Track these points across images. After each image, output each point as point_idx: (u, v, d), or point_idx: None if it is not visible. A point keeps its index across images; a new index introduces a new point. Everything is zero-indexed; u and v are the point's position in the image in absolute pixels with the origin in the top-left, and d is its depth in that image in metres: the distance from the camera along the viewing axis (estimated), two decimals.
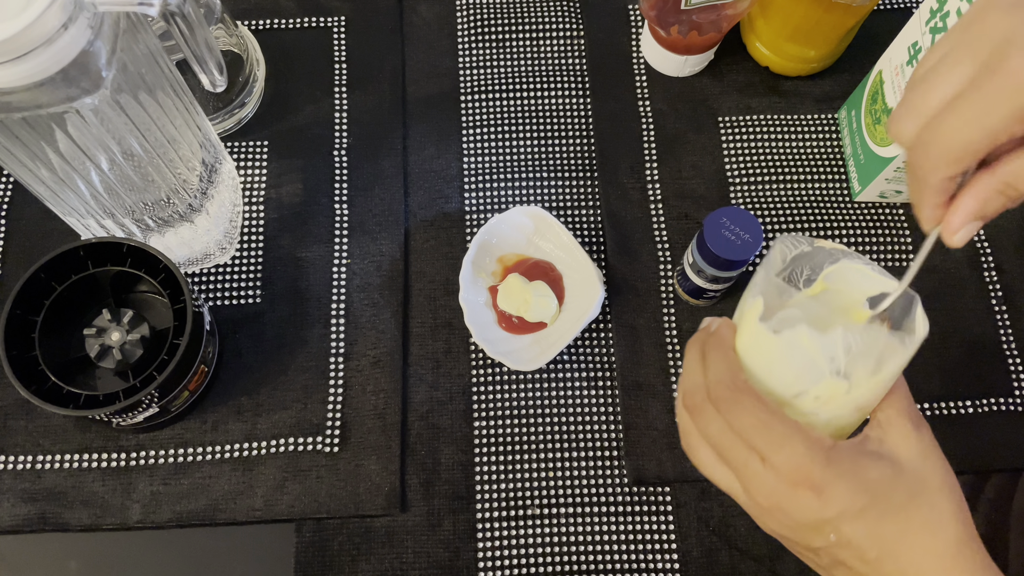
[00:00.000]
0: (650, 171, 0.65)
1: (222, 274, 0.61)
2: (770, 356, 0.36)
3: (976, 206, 0.34)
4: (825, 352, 0.35)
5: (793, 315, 0.36)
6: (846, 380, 0.35)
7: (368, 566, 0.54)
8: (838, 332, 0.34)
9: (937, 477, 0.36)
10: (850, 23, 0.62)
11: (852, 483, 0.35)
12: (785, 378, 0.36)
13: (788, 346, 0.35)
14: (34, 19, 0.37)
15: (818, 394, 0.36)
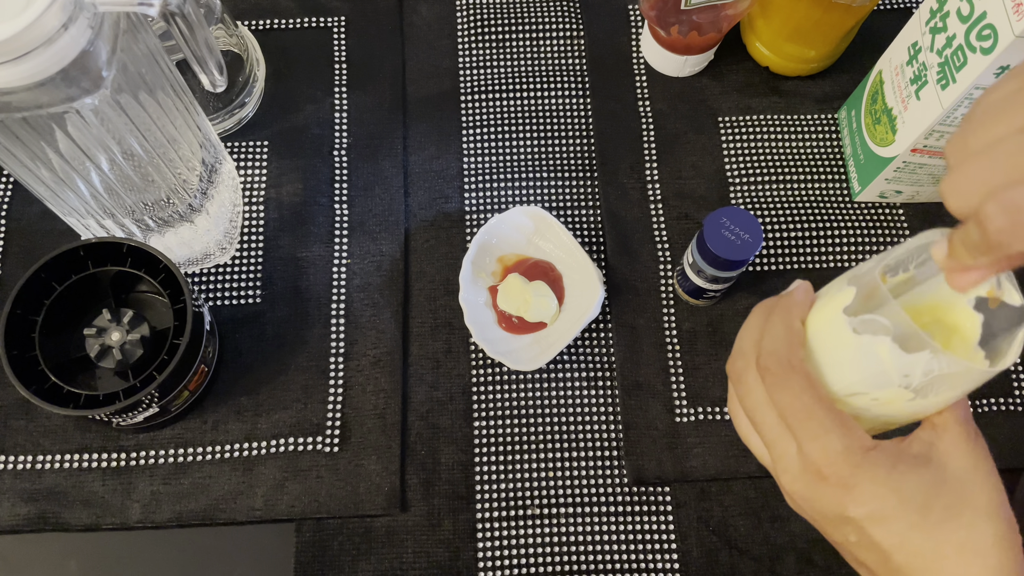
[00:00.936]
0: (650, 171, 0.65)
1: (222, 274, 0.61)
2: (841, 351, 0.34)
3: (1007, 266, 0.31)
4: (902, 368, 0.32)
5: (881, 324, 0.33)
6: (913, 393, 0.33)
7: (368, 566, 0.54)
8: (923, 355, 0.31)
9: (984, 496, 0.34)
10: (850, 23, 0.62)
11: (884, 488, 0.33)
12: (848, 377, 0.34)
13: (864, 351, 0.33)
14: (34, 19, 0.37)
15: (877, 397, 0.34)
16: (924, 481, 0.33)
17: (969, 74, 0.50)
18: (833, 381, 0.35)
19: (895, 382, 0.33)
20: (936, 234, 0.34)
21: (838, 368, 0.35)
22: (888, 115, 0.59)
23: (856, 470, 0.33)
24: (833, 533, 0.36)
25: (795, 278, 0.62)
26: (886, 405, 0.34)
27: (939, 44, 0.52)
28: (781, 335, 0.36)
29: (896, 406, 0.34)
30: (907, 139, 0.57)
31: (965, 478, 0.34)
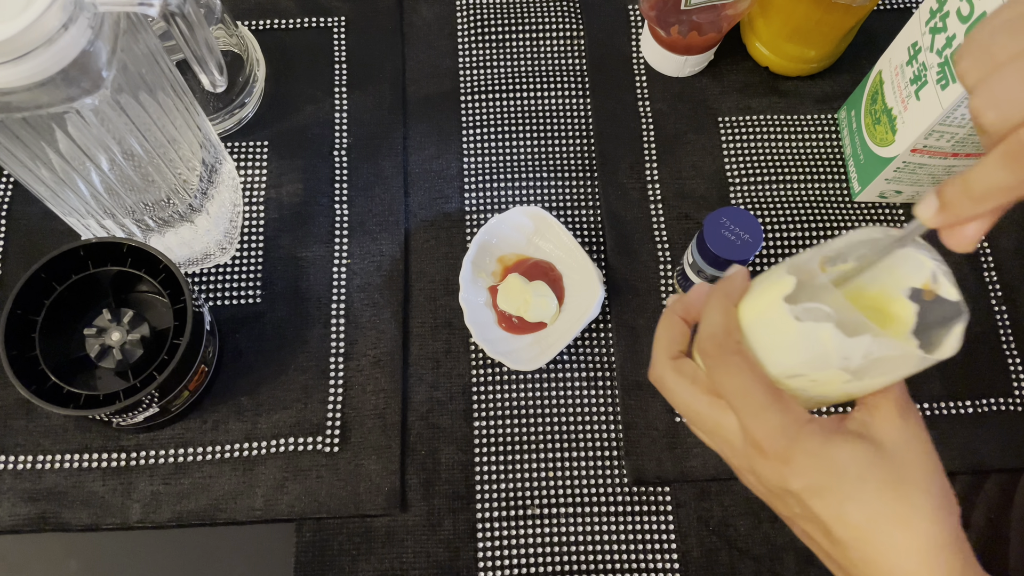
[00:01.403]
0: (650, 171, 0.65)
1: (222, 274, 0.61)
2: (781, 336, 0.35)
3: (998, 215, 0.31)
4: (843, 352, 0.33)
5: (823, 311, 0.33)
6: (850, 375, 0.34)
7: (368, 566, 0.54)
8: (864, 339, 0.32)
9: (918, 470, 0.35)
10: (850, 23, 0.62)
11: (820, 460, 0.34)
12: (788, 360, 0.35)
13: (806, 336, 0.33)
14: (34, 19, 0.37)
15: (815, 379, 0.35)
16: (859, 455, 0.34)
17: None
18: (772, 364, 0.36)
19: (835, 364, 0.34)
20: (877, 231, 0.35)
21: (777, 352, 0.35)
22: (888, 115, 0.59)
23: (793, 444, 0.34)
24: (779, 505, 0.37)
25: None
26: (823, 386, 0.35)
27: (939, 44, 0.52)
28: (718, 320, 0.37)
29: (833, 387, 0.35)
30: (907, 139, 0.57)
31: (899, 453, 0.35)
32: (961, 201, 0.31)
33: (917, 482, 0.34)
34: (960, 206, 0.31)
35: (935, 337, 0.34)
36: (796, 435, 0.34)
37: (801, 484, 0.35)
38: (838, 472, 0.34)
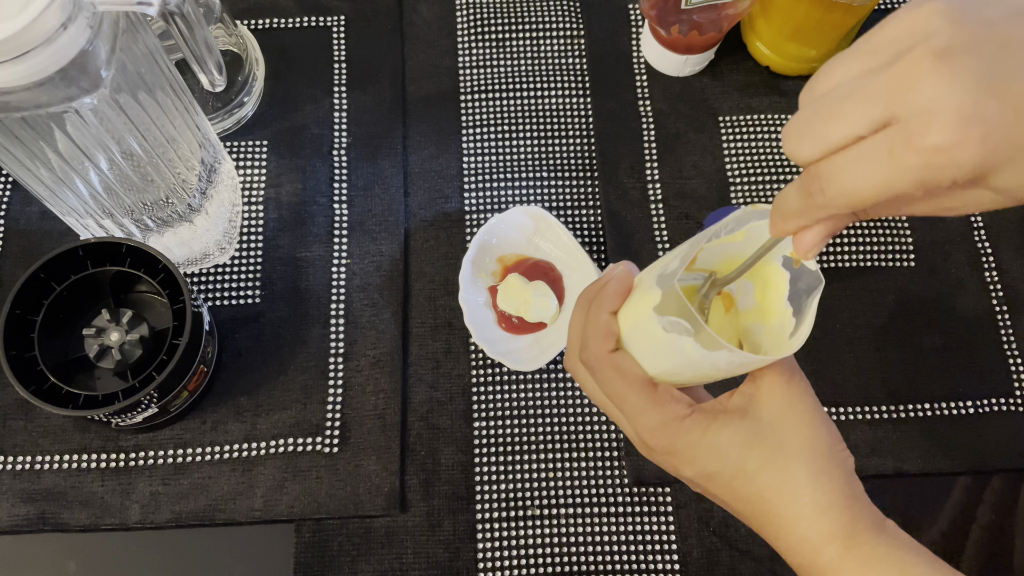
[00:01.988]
0: (650, 171, 0.65)
1: (221, 274, 0.61)
2: (654, 343, 0.37)
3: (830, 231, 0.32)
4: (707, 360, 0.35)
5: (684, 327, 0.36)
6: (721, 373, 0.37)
7: (368, 567, 0.54)
8: (723, 354, 0.34)
9: (796, 437, 0.36)
10: (851, 23, 0.62)
11: (701, 449, 0.36)
12: (664, 364, 0.37)
13: (673, 346, 0.35)
14: (33, 19, 0.37)
15: (690, 377, 0.38)
16: (739, 435, 0.36)
17: None
18: (651, 366, 0.38)
19: (705, 369, 0.36)
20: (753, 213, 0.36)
21: (654, 356, 0.37)
22: None
23: (674, 438, 0.37)
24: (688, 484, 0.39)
25: None
26: (705, 377, 0.38)
27: None
28: (593, 330, 0.39)
29: (708, 377, 0.38)
30: None
31: (779, 423, 0.36)
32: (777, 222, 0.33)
33: (795, 452, 0.36)
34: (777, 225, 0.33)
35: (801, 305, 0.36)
36: (676, 431, 0.37)
37: (691, 471, 0.37)
38: (721, 456, 0.36)
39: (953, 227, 0.64)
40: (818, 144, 0.29)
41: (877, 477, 0.57)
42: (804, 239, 0.32)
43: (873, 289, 0.62)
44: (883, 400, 0.59)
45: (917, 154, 0.26)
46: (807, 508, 0.35)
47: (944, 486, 0.58)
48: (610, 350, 0.38)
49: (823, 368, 0.59)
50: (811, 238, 0.32)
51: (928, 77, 0.26)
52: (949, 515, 0.57)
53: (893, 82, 0.27)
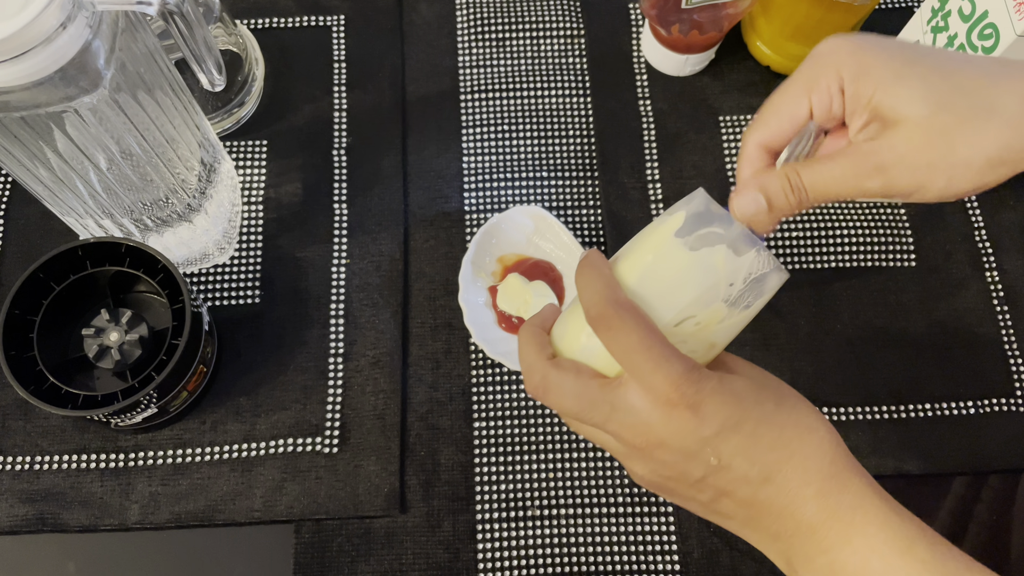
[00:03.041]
0: (651, 171, 0.65)
1: (221, 274, 0.61)
2: (674, 275, 0.36)
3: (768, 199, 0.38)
4: (731, 275, 0.35)
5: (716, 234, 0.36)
6: (728, 308, 0.36)
7: (367, 567, 0.54)
8: (751, 255, 0.35)
9: (788, 391, 0.38)
10: (851, 22, 0.62)
11: (725, 397, 0.35)
12: (682, 300, 0.36)
13: (700, 266, 0.35)
14: (32, 18, 0.37)
15: (699, 320, 0.36)
16: (747, 383, 0.36)
17: None
18: (663, 310, 0.36)
19: (720, 296, 0.36)
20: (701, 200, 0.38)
21: (669, 294, 0.36)
22: None
23: (698, 386, 0.35)
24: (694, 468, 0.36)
25: (795, 278, 0.62)
26: (702, 331, 0.37)
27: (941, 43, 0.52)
28: (598, 283, 0.36)
29: (707, 332, 0.37)
30: None
31: (768, 381, 0.38)
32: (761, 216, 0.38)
33: (791, 396, 0.37)
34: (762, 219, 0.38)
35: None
36: (699, 379, 0.35)
37: (715, 426, 0.35)
38: (741, 401, 0.35)
39: (953, 227, 0.64)
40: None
41: (877, 477, 0.57)
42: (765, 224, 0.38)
43: (873, 289, 0.62)
44: (883, 400, 0.59)
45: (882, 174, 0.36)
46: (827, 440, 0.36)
47: (944, 486, 0.58)
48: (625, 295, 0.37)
49: (823, 368, 0.59)
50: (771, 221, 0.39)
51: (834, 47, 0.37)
52: (949, 515, 0.57)
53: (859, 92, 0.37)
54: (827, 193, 0.37)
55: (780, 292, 0.61)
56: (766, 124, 0.39)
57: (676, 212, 0.37)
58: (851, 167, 0.37)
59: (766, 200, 0.38)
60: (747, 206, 0.38)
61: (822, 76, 0.38)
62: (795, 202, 0.38)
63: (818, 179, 0.37)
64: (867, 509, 0.35)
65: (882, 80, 0.36)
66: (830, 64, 0.37)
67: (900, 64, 0.36)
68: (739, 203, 0.38)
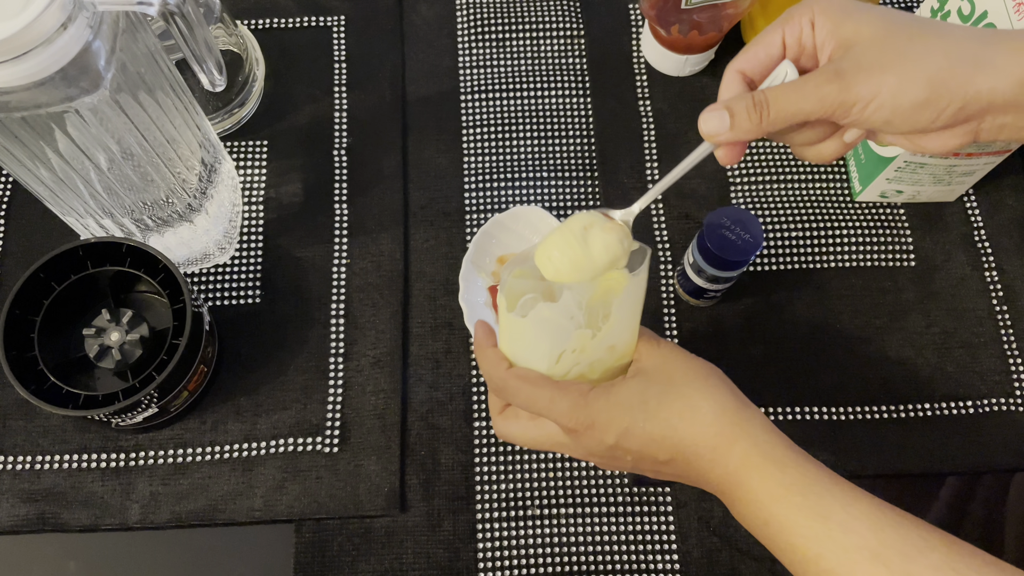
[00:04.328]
0: (650, 171, 0.65)
1: (222, 274, 0.61)
2: (526, 336, 0.42)
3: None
4: (564, 314, 0.41)
5: (530, 299, 0.42)
6: (589, 328, 0.41)
7: (368, 566, 0.54)
8: (564, 296, 0.41)
9: (679, 373, 0.42)
10: None
11: (610, 409, 0.41)
12: (544, 348, 0.42)
13: (536, 322, 0.41)
14: (33, 19, 0.37)
15: (573, 348, 0.42)
16: (634, 388, 0.42)
17: None
18: (538, 361, 0.42)
19: (570, 327, 0.41)
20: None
21: (533, 348, 0.42)
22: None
23: (587, 410, 0.41)
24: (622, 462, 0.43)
25: (795, 278, 0.62)
26: (584, 352, 0.42)
27: None
28: (486, 365, 0.44)
29: (591, 349, 0.42)
30: None
31: (661, 368, 0.42)
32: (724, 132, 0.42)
33: (681, 380, 0.42)
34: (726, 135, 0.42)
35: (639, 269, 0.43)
36: (585, 403, 0.41)
37: (612, 436, 0.41)
38: (627, 408, 0.41)
39: (953, 227, 0.64)
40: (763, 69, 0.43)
41: (877, 477, 0.57)
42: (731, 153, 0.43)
43: (873, 289, 0.62)
44: (883, 400, 0.59)
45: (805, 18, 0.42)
46: (708, 415, 0.40)
47: (944, 486, 0.58)
48: (506, 368, 0.43)
49: (823, 368, 0.60)
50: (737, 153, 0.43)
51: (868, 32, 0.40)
52: (949, 515, 0.57)
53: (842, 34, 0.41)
54: (788, 107, 0.40)
55: (780, 292, 0.61)
56: (744, 53, 0.43)
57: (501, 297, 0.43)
58: (811, 79, 0.41)
59: (729, 116, 0.41)
60: (710, 121, 0.42)
61: (796, 13, 0.42)
62: (756, 119, 0.41)
63: (780, 93, 0.41)
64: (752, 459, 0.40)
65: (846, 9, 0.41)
66: (806, 5, 0.42)
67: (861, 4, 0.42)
68: (704, 119, 0.42)
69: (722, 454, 0.40)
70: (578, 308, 0.41)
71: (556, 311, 0.41)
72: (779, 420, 0.58)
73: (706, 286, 0.57)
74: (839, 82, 0.40)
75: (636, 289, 0.42)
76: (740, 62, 0.43)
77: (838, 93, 0.40)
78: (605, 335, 0.42)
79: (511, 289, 0.43)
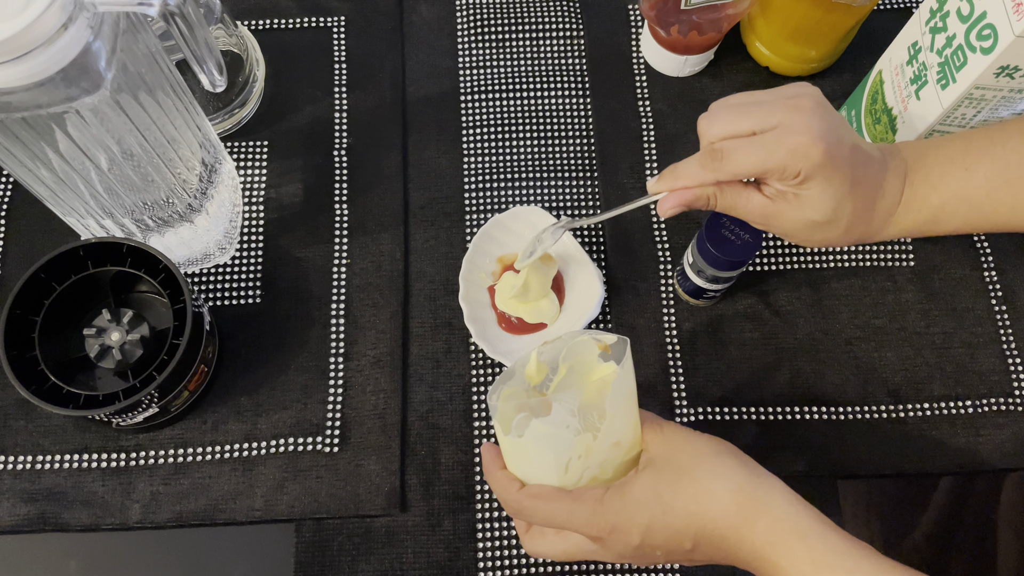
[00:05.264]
0: (650, 171, 0.65)
1: (222, 274, 0.61)
2: (530, 454, 0.43)
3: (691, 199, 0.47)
4: (560, 425, 0.41)
5: (524, 418, 0.42)
6: (588, 432, 0.42)
7: (368, 566, 0.54)
8: (555, 408, 0.42)
9: (686, 458, 0.43)
10: (850, 23, 0.62)
11: (629, 511, 0.42)
12: (549, 462, 0.42)
13: (534, 440, 0.42)
14: (34, 19, 0.37)
15: (577, 454, 0.42)
16: (646, 483, 0.42)
17: (969, 74, 0.50)
18: (547, 475, 0.43)
19: (571, 435, 0.42)
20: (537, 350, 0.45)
21: (540, 464, 0.43)
22: (888, 115, 0.59)
23: (606, 516, 0.42)
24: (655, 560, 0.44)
25: (795, 278, 0.62)
26: (590, 455, 0.43)
27: (939, 44, 0.52)
28: (499, 488, 0.45)
29: (596, 451, 0.42)
30: (907, 139, 0.57)
31: (668, 457, 0.43)
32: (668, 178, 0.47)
33: (689, 465, 0.42)
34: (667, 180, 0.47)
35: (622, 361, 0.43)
36: (603, 509, 0.42)
37: (637, 536, 0.42)
38: (644, 505, 0.42)
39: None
40: (727, 128, 0.45)
41: (876, 477, 0.57)
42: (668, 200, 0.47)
43: (873, 289, 0.62)
44: (882, 400, 0.59)
45: (789, 143, 0.44)
46: (725, 496, 0.41)
47: (944, 486, 0.58)
48: (519, 488, 0.44)
49: (823, 368, 0.60)
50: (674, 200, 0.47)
51: (808, 110, 0.44)
52: (949, 515, 0.57)
53: (787, 106, 0.44)
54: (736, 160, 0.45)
55: (780, 292, 0.62)
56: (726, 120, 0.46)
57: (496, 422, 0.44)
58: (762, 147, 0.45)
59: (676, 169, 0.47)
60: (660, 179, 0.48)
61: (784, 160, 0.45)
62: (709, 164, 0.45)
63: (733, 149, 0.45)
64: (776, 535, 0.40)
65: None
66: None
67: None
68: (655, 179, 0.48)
69: (746, 533, 0.40)
70: (571, 415, 0.42)
71: (551, 424, 0.41)
72: (779, 420, 0.58)
73: (706, 286, 0.57)
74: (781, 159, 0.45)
75: (625, 381, 0.42)
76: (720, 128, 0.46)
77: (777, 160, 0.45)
78: (606, 434, 0.42)
79: (502, 414, 0.43)
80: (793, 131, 0.43)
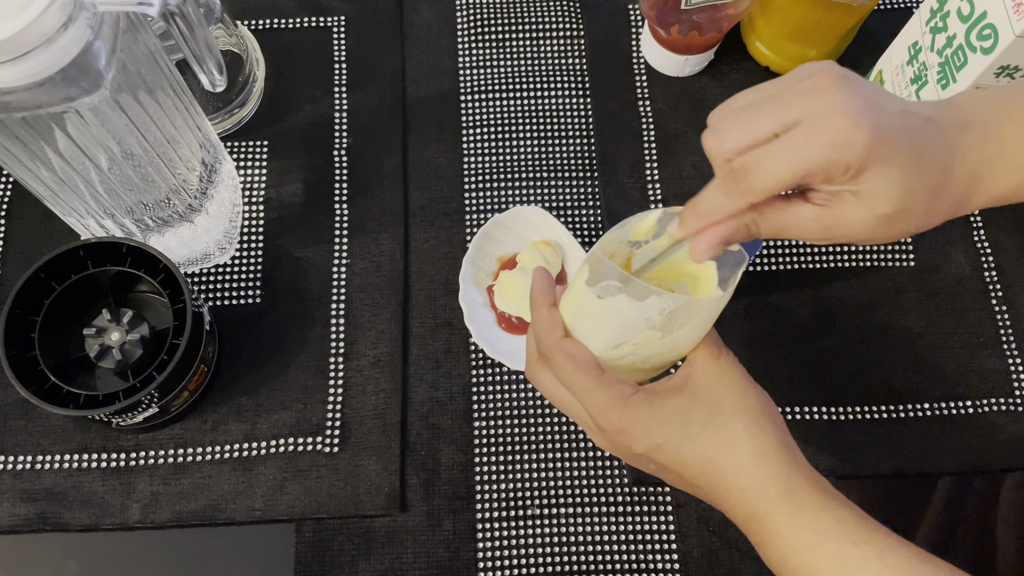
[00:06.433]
0: (650, 171, 0.65)
1: (222, 274, 0.61)
2: (594, 316, 0.41)
3: (727, 234, 0.39)
4: (642, 315, 0.39)
5: (614, 286, 0.40)
6: (660, 331, 0.40)
7: (368, 566, 0.54)
8: (652, 300, 0.39)
9: (728, 399, 0.40)
10: (850, 23, 0.62)
11: (648, 422, 0.40)
12: (607, 333, 0.41)
13: (610, 309, 0.40)
14: (34, 19, 0.37)
15: (636, 342, 0.41)
16: (678, 405, 0.40)
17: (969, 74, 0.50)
18: (596, 340, 0.41)
19: (642, 327, 0.40)
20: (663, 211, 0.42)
21: (596, 329, 0.41)
22: None
23: (623, 415, 0.40)
24: (643, 467, 0.43)
25: (795, 278, 0.62)
26: (646, 346, 0.41)
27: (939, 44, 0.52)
28: (539, 324, 0.43)
29: (653, 346, 0.41)
30: None
31: (712, 390, 0.41)
32: (691, 219, 0.40)
33: (729, 410, 0.40)
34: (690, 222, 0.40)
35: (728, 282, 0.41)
36: (623, 408, 0.40)
37: (641, 446, 0.40)
38: (665, 425, 0.40)
39: (953, 227, 0.64)
40: (742, 137, 0.37)
41: (876, 477, 0.57)
42: (701, 242, 0.39)
43: (873, 289, 0.62)
44: (882, 400, 0.59)
45: (824, 134, 0.34)
46: (746, 457, 0.39)
47: (943, 486, 0.58)
48: (559, 337, 0.42)
49: (822, 368, 0.60)
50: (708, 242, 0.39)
51: (831, 89, 0.35)
52: (948, 515, 0.57)
53: (805, 91, 0.36)
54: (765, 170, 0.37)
55: (780, 292, 0.62)
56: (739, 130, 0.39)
57: (584, 265, 0.41)
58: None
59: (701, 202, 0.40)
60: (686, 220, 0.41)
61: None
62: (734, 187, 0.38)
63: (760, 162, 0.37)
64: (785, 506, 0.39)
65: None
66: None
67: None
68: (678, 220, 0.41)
69: (753, 495, 0.39)
70: (659, 314, 0.39)
71: (636, 309, 0.39)
72: None
73: None
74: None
75: (721, 304, 0.40)
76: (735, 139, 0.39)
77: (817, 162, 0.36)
78: (674, 339, 0.40)
79: (598, 264, 0.41)
80: (823, 118, 0.35)
